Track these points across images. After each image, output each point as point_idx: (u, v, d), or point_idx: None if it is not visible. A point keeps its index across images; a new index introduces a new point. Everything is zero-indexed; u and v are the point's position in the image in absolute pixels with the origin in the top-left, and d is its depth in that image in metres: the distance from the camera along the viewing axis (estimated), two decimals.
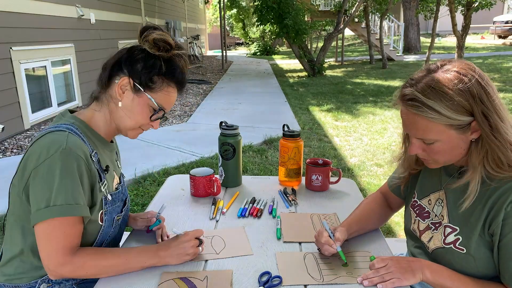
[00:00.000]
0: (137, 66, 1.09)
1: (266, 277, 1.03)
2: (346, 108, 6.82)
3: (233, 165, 1.60)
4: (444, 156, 1.02)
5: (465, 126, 0.95)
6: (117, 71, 1.11)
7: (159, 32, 1.09)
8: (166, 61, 1.10)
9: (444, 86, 0.93)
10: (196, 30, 18.89)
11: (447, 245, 1.06)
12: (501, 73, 9.94)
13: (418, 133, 0.99)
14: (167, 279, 1.03)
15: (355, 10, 11.61)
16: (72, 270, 1.01)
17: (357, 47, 23.02)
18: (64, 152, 0.99)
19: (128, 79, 1.09)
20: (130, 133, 1.16)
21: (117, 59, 1.12)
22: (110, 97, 1.12)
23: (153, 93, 1.10)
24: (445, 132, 0.96)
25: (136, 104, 1.10)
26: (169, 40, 1.10)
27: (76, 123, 1.09)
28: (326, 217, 1.37)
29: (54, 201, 0.97)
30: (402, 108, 1.01)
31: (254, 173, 3.78)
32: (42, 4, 5.64)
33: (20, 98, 5.08)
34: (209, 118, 6.13)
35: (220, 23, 14.01)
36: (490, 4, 10.37)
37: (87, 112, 1.15)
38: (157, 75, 1.09)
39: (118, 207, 1.19)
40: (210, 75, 11.90)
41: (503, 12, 23.75)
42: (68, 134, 1.03)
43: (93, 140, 1.12)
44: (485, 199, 0.99)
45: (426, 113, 0.94)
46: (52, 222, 0.98)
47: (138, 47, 1.11)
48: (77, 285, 1.16)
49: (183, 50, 1.14)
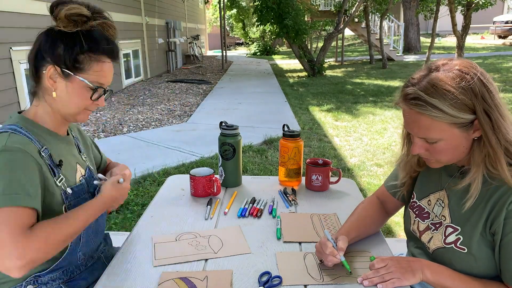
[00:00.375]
0: (58, 51, 1.03)
1: (266, 277, 1.03)
2: (346, 108, 6.82)
3: (233, 165, 1.60)
4: (447, 155, 1.01)
5: (468, 125, 0.95)
6: (41, 61, 1.05)
7: (69, 5, 1.01)
8: (86, 35, 1.04)
9: (447, 84, 0.93)
10: (196, 30, 18.89)
11: (447, 245, 1.06)
12: (501, 73, 9.94)
13: (421, 132, 0.99)
14: (167, 279, 1.03)
15: (355, 10, 11.61)
16: (36, 250, 0.91)
17: (357, 47, 23.02)
18: (4, 150, 0.96)
19: (53, 67, 1.04)
20: (78, 117, 1.13)
21: (37, 48, 1.05)
22: (44, 90, 1.07)
23: (84, 73, 1.05)
24: (448, 130, 0.96)
25: (71, 90, 1.06)
26: (83, 11, 1.02)
27: (20, 122, 1.06)
28: (326, 217, 1.37)
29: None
30: (404, 108, 1.01)
31: (254, 173, 3.78)
32: (42, 4, 5.64)
33: (20, 98, 5.08)
34: (209, 118, 6.13)
35: (220, 23, 14.01)
36: (490, 4, 10.36)
37: (31, 110, 1.11)
38: (81, 53, 1.03)
39: (84, 199, 1.15)
40: (210, 75, 11.90)
41: (503, 12, 23.74)
42: (10, 134, 1.00)
43: (43, 136, 1.08)
44: (486, 198, 0.99)
45: (429, 111, 0.94)
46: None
47: (53, 29, 1.04)
48: (65, 284, 1.14)
49: (104, 16, 1.07)
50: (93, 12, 1.05)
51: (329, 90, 8.71)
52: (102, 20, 1.06)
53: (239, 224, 1.32)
